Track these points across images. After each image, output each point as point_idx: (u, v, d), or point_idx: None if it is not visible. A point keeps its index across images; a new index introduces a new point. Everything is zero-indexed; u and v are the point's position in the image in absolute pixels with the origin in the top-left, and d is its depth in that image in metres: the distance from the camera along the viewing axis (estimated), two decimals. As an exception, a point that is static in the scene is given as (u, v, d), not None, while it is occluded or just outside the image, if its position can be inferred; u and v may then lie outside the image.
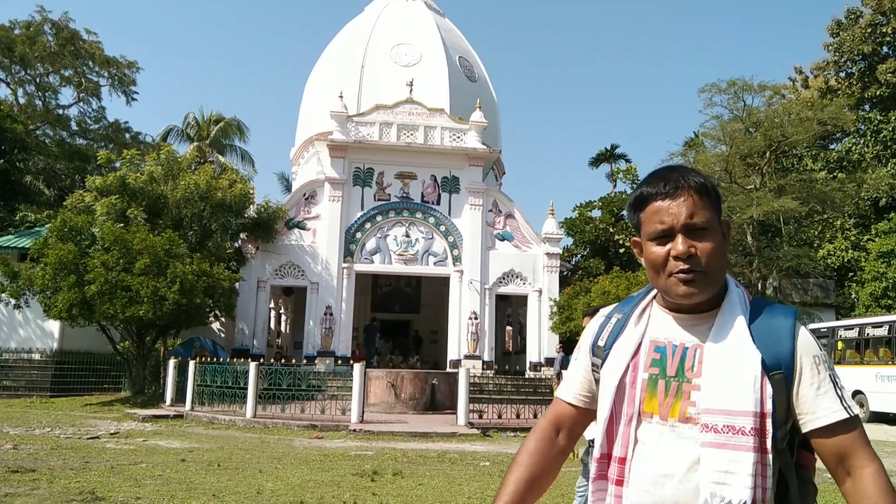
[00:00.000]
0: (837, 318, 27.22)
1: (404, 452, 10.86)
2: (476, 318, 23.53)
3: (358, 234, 23.82)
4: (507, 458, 10.42)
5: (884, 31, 32.46)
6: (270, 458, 9.73)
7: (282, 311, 30.30)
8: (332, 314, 23.19)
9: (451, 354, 23.52)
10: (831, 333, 21.68)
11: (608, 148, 43.35)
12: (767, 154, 26.97)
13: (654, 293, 1.56)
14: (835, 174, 31.12)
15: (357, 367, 14.85)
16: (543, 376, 22.17)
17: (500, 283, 24.17)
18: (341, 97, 24.41)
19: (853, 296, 30.38)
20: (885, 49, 33.38)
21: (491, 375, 22.84)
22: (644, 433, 1.44)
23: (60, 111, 37.60)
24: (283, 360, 19.22)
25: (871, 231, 30.86)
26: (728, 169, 26.34)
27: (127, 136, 37.96)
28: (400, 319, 29.59)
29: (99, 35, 37.58)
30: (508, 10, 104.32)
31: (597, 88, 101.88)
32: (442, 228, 24.12)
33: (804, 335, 1.42)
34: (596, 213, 35.11)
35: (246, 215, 22.28)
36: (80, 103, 37.60)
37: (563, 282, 25.42)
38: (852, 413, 1.39)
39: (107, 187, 19.79)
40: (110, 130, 37.99)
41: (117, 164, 22.41)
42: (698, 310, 1.46)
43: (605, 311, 1.63)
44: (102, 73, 37.26)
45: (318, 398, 16.32)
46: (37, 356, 21.24)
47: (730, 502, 1.32)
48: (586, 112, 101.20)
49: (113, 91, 37.93)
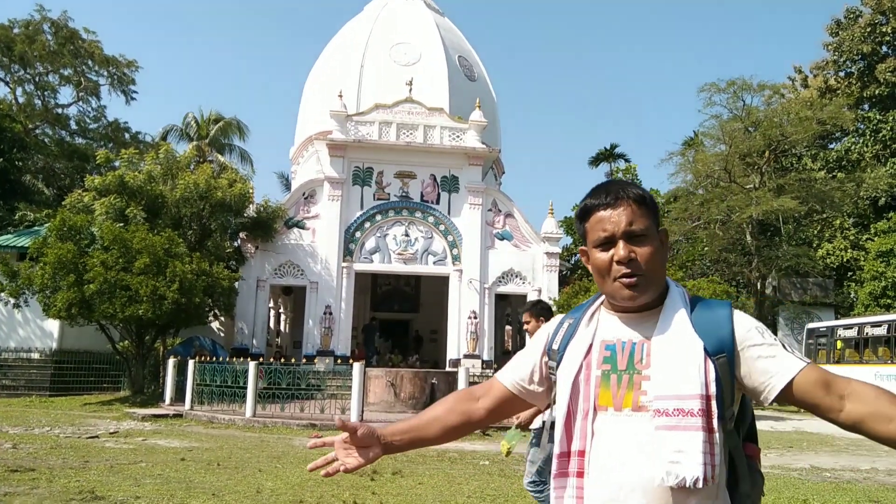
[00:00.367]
0: (837, 318, 27.26)
1: (404, 452, 10.84)
2: (475, 318, 23.53)
3: (357, 234, 23.81)
4: (500, 458, 10.41)
5: (883, 30, 32.48)
6: (270, 457, 9.73)
7: (281, 310, 30.30)
8: (331, 313, 23.18)
9: (451, 354, 23.52)
10: (830, 333, 21.72)
11: (608, 147, 43.40)
12: (767, 153, 27.00)
13: (602, 299, 1.68)
14: (834, 173, 31.14)
15: (356, 367, 14.85)
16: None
17: (500, 282, 24.17)
18: (341, 96, 24.39)
19: (852, 295, 30.40)
20: (884, 48, 33.39)
21: (490, 375, 22.76)
22: (600, 425, 1.53)
23: (59, 110, 37.59)
24: (282, 360, 19.21)
25: (871, 230, 30.87)
26: (727, 168, 26.36)
27: (126, 135, 37.94)
28: (399, 319, 29.59)
29: (98, 34, 37.66)
30: (508, 9, 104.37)
31: (596, 88, 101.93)
32: (441, 228, 24.12)
33: (740, 316, 1.56)
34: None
35: (245, 215, 22.26)
36: (80, 102, 37.62)
37: (563, 281, 25.43)
38: (805, 360, 1.53)
39: (106, 187, 19.76)
40: (109, 130, 37.97)
41: (116, 164, 22.40)
42: (643, 309, 1.58)
43: (557, 318, 1.75)
44: (102, 72, 37.24)
45: (318, 397, 16.33)
46: (36, 355, 21.22)
47: (684, 479, 1.41)
48: (586, 111, 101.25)
49: (112, 90, 37.94)
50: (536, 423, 4.84)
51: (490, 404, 1.75)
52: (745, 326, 1.54)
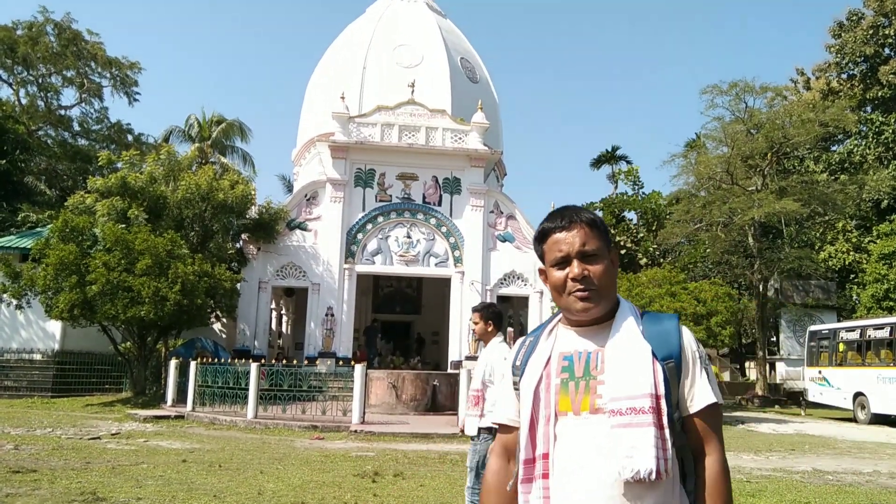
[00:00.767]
0: (839, 320, 27.22)
1: (405, 453, 10.86)
2: (477, 320, 23.50)
3: (359, 235, 23.82)
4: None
5: (886, 32, 32.46)
6: (271, 458, 9.73)
7: (283, 311, 30.30)
8: (333, 315, 23.19)
9: (452, 355, 23.49)
10: (832, 335, 21.67)
11: (609, 150, 43.38)
12: (769, 156, 26.96)
13: (559, 317, 1.83)
14: (836, 176, 31.09)
15: (358, 368, 14.85)
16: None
17: (502, 284, 24.16)
18: (343, 98, 24.41)
19: (854, 298, 30.36)
20: (886, 51, 33.38)
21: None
22: (562, 429, 1.67)
23: (62, 112, 37.65)
24: (284, 361, 19.22)
25: (873, 233, 30.82)
26: (729, 170, 26.33)
27: (129, 137, 37.99)
28: (401, 320, 29.58)
29: (101, 36, 37.61)
30: (510, 11, 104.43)
31: (598, 90, 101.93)
32: (443, 229, 24.12)
33: (687, 333, 1.73)
34: (597, 214, 35.11)
35: (247, 216, 22.27)
36: (82, 104, 37.67)
37: (565, 283, 25.38)
38: (720, 400, 1.71)
39: (108, 188, 19.79)
40: (112, 131, 38.02)
41: (119, 165, 22.44)
42: (595, 322, 1.74)
43: (521, 339, 1.89)
44: (104, 73, 37.29)
45: (320, 399, 16.32)
46: (38, 357, 21.25)
47: (638, 472, 1.55)
48: (588, 113, 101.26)
49: (115, 92, 37.99)
50: (473, 430, 4.87)
51: (515, 455, 1.82)
52: (690, 344, 1.72)
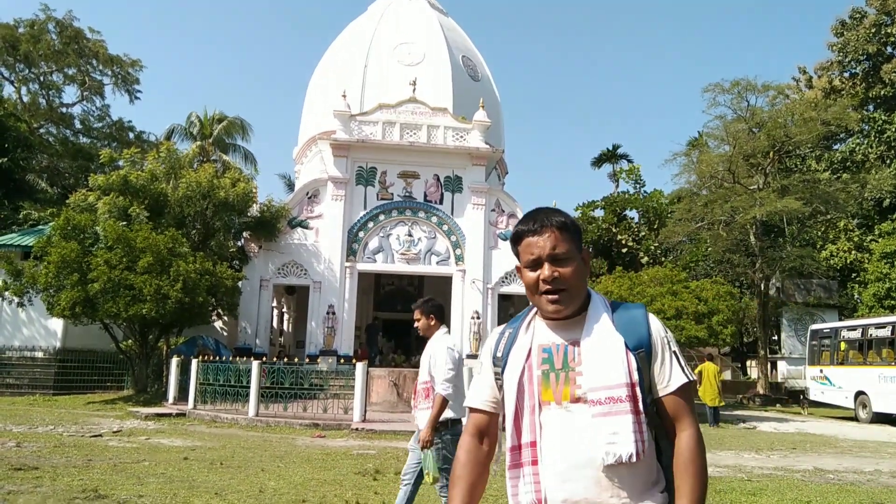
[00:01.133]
0: (840, 319, 27.18)
1: (407, 451, 10.86)
2: (478, 318, 23.53)
3: (361, 234, 23.82)
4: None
5: (888, 31, 32.39)
6: (273, 456, 9.74)
7: (284, 309, 30.32)
8: (334, 313, 23.20)
9: (454, 354, 23.48)
10: (834, 334, 21.64)
11: (610, 148, 43.36)
12: (771, 154, 26.91)
13: (535, 310, 1.91)
14: (838, 174, 31.04)
15: (359, 366, 14.86)
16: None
17: (503, 282, 24.15)
18: (344, 96, 24.40)
19: (856, 296, 30.33)
20: (889, 49, 33.31)
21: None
22: (546, 418, 1.78)
23: (64, 109, 37.68)
24: (285, 359, 19.23)
25: (875, 232, 30.80)
26: (731, 169, 26.28)
27: (130, 134, 38.03)
28: (402, 319, 29.45)
29: (102, 34, 37.72)
30: (511, 9, 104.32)
31: (600, 88, 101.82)
32: (444, 228, 24.12)
33: (654, 321, 1.83)
34: (598, 213, 35.09)
35: (249, 214, 22.28)
36: (84, 102, 37.70)
37: (566, 282, 25.37)
38: (692, 378, 1.81)
39: (109, 186, 19.80)
40: (114, 129, 38.05)
41: (120, 163, 22.45)
42: (569, 316, 1.83)
43: (499, 329, 1.99)
44: (106, 71, 37.32)
45: (321, 397, 16.33)
46: (40, 354, 21.27)
47: (620, 456, 1.67)
48: (590, 111, 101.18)
49: (116, 89, 38.03)
50: (424, 423, 4.88)
51: (490, 438, 1.96)
52: (659, 331, 1.82)
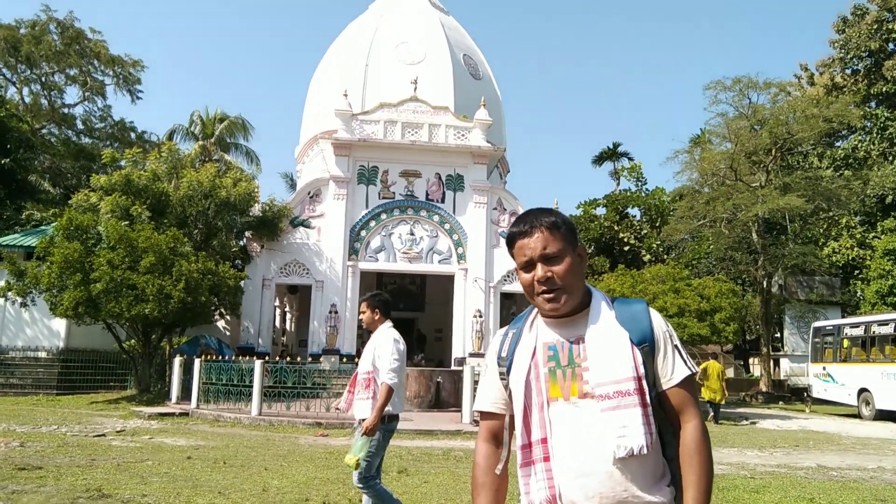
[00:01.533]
0: (843, 316, 27.16)
1: (409, 450, 10.88)
2: (481, 316, 23.52)
3: (363, 233, 23.83)
4: (511, 455, 10.40)
5: (890, 27, 32.32)
6: (276, 455, 9.75)
7: (287, 309, 30.34)
8: (336, 312, 23.21)
9: (456, 352, 23.51)
10: (837, 331, 21.61)
11: (610, 146, 43.30)
12: (773, 151, 26.87)
13: (537, 310, 1.93)
14: (840, 171, 30.99)
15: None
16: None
17: (505, 280, 24.14)
18: (346, 95, 24.40)
19: (859, 294, 30.29)
20: (891, 46, 33.24)
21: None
22: (555, 414, 1.79)
23: (66, 110, 37.74)
24: (288, 359, 19.24)
25: (877, 228, 30.75)
26: (733, 166, 26.26)
27: (132, 135, 38.07)
28: (404, 317, 29.52)
29: (104, 34, 37.79)
30: (512, 7, 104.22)
31: (602, 86, 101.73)
32: (446, 226, 24.12)
33: (655, 316, 1.86)
34: (600, 211, 35.08)
35: (251, 213, 22.29)
36: (86, 102, 37.76)
37: (568, 280, 25.32)
38: (694, 370, 1.84)
39: (111, 186, 19.83)
40: (115, 129, 38.09)
41: (122, 163, 22.48)
42: (570, 314, 1.85)
43: (502, 330, 2.00)
44: (107, 72, 37.35)
45: (323, 396, 16.35)
46: (43, 354, 21.32)
47: (632, 449, 1.69)
48: (592, 109, 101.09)
49: (118, 90, 38.07)
50: (363, 413, 4.84)
51: (503, 441, 1.96)
52: (660, 325, 1.85)
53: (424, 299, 29.64)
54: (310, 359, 21.04)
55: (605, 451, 1.71)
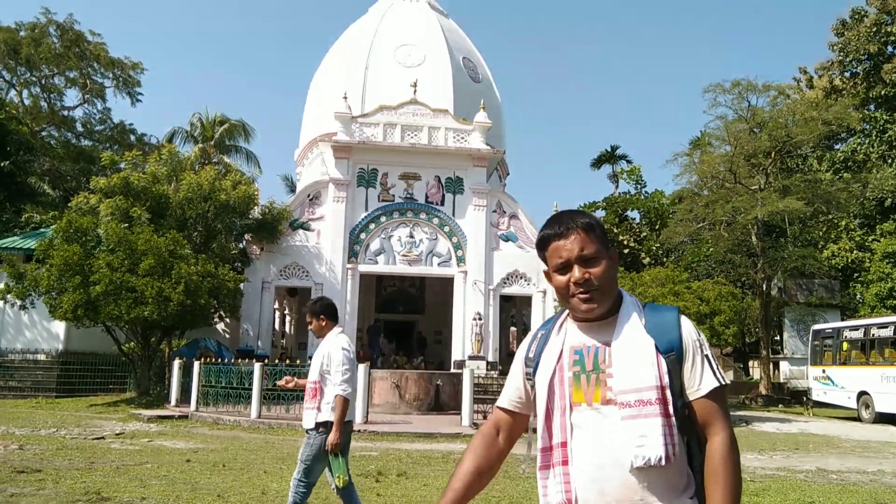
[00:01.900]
0: (842, 319, 27.14)
1: (409, 453, 10.87)
2: (480, 319, 23.51)
3: (362, 235, 23.83)
4: (511, 458, 10.36)
5: (889, 30, 32.36)
6: (275, 458, 9.74)
7: (286, 311, 30.32)
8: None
9: (456, 355, 23.50)
10: (836, 334, 21.61)
11: (609, 149, 43.30)
12: (772, 154, 26.89)
13: (567, 312, 1.92)
14: (840, 174, 31.01)
15: (361, 368, 14.85)
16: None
17: (505, 283, 24.15)
18: (345, 98, 24.42)
19: (858, 296, 30.28)
20: (890, 48, 33.28)
21: (495, 376, 22.79)
22: (577, 419, 1.78)
23: (65, 112, 37.77)
24: (287, 361, 19.23)
25: (877, 231, 30.75)
26: (733, 169, 26.25)
27: (132, 137, 38.10)
28: (404, 320, 29.56)
29: (104, 36, 37.72)
30: (512, 10, 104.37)
31: (602, 88, 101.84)
32: (446, 229, 24.12)
33: (686, 324, 1.82)
34: (600, 214, 35.09)
35: (250, 216, 22.29)
36: (85, 105, 37.79)
37: (567, 282, 25.33)
38: (724, 382, 1.78)
39: (111, 188, 19.83)
40: (115, 132, 38.12)
41: (122, 166, 22.48)
42: (601, 318, 1.83)
43: (533, 331, 1.99)
44: (107, 74, 37.39)
45: (323, 399, 16.29)
46: (42, 357, 21.30)
47: (649, 459, 1.66)
48: (592, 112, 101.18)
49: (118, 92, 38.12)
50: (309, 423, 4.83)
51: (506, 434, 1.99)
52: (690, 334, 1.81)
53: (424, 302, 29.63)
54: (309, 361, 21.01)
55: (624, 459, 1.69)
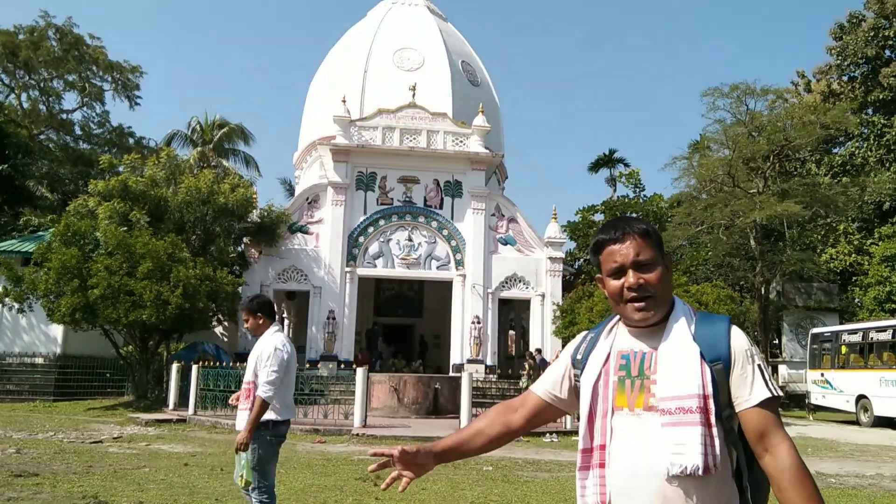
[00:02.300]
0: (841, 323, 27.14)
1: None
2: (479, 323, 23.50)
3: (361, 239, 23.83)
4: (510, 462, 10.41)
5: (887, 34, 32.45)
6: (273, 462, 9.70)
7: (284, 315, 30.28)
8: (334, 318, 23.19)
9: (454, 359, 23.49)
10: (835, 338, 21.60)
11: (606, 153, 43.27)
12: (770, 158, 26.91)
13: (618, 317, 1.91)
14: (838, 178, 31.05)
15: (360, 372, 14.84)
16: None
17: (503, 287, 24.15)
18: (344, 102, 24.45)
19: (857, 300, 30.29)
20: (888, 52, 33.36)
21: (494, 380, 22.82)
22: (618, 423, 1.77)
23: (64, 116, 37.75)
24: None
25: (875, 235, 30.78)
26: (731, 173, 26.27)
27: (130, 140, 38.09)
28: (403, 323, 29.55)
29: (103, 40, 37.75)
30: (511, 14, 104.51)
31: (600, 92, 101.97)
32: (444, 232, 24.13)
33: (736, 335, 1.79)
34: (599, 217, 35.11)
35: (249, 219, 22.29)
36: (84, 108, 37.79)
37: (566, 286, 25.39)
38: (776, 393, 1.73)
39: (109, 191, 19.82)
40: (114, 135, 38.13)
41: (120, 169, 22.47)
42: (654, 324, 1.82)
43: (583, 332, 2.01)
44: (106, 77, 37.39)
45: (321, 403, 16.29)
46: (40, 360, 21.25)
47: (685, 468, 1.63)
48: (590, 116, 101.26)
49: (116, 96, 38.12)
50: (242, 425, 4.72)
51: (527, 414, 2.00)
52: (741, 345, 1.77)
53: (422, 305, 29.63)
54: (307, 365, 21.01)
55: (659, 466, 1.67)
